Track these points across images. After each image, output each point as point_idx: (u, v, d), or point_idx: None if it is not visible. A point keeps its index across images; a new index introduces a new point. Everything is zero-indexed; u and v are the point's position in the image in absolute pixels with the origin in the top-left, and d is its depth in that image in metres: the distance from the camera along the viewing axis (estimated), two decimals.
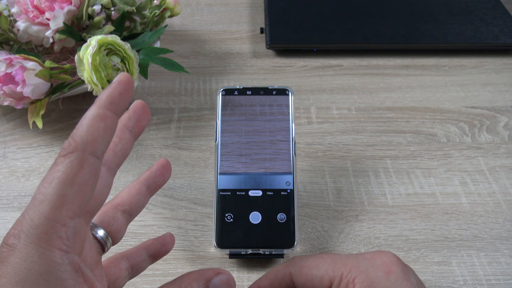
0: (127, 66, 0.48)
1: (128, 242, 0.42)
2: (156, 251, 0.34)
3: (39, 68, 0.46)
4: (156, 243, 0.34)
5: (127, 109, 0.28)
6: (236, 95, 0.44)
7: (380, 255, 0.31)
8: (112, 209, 0.31)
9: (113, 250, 0.39)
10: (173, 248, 0.41)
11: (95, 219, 0.30)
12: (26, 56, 0.47)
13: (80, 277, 0.23)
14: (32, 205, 0.23)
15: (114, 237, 0.30)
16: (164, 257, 0.40)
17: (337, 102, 0.56)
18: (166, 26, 0.54)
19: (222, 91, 0.44)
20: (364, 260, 0.31)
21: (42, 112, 0.47)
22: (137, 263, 0.33)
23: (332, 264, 0.31)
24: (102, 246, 0.29)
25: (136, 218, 0.43)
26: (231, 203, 0.40)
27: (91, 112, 0.24)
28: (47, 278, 0.22)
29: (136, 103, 0.30)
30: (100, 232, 0.29)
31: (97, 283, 0.24)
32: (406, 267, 0.31)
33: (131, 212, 0.32)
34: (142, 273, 0.39)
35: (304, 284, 0.31)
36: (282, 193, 0.40)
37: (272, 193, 0.40)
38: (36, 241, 0.22)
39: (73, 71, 0.50)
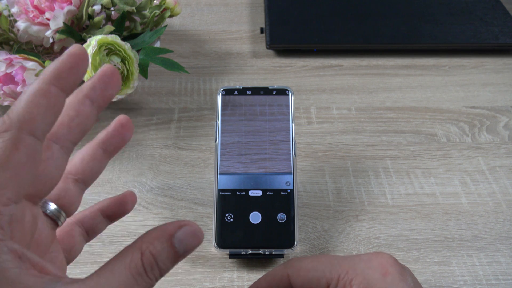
0: (127, 66, 0.48)
1: (128, 242, 0.41)
2: (113, 212, 0.31)
3: (39, 68, 0.46)
4: (113, 203, 0.31)
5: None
6: (236, 95, 0.44)
7: (377, 257, 0.31)
8: (62, 180, 0.28)
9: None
10: None
11: None
12: (26, 56, 0.47)
13: (25, 263, 0.20)
14: None
15: (67, 210, 0.28)
16: None
17: (337, 102, 0.56)
18: (166, 26, 0.54)
19: (222, 91, 0.44)
20: (361, 262, 0.31)
21: None
22: (92, 226, 0.31)
23: (329, 265, 0.31)
24: (55, 221, 0.27)
25: (136, 218, 0.43)
26: (231, 203, 0.40)
27: (32, 87, 0.21)
28: None
29: (104, 68, 0.25)
30: (52, 208, 0.27)
31: (48, 265, 0.22)
32: (403, 268, 0.31)
33: (85, 180, 0.28)
34: None
35: (302, 286, 0.31)
36: (282, 193, 0.40)
37: (272, 193, 0.40)
38: None
39: None
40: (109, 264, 0.22)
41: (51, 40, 0.52)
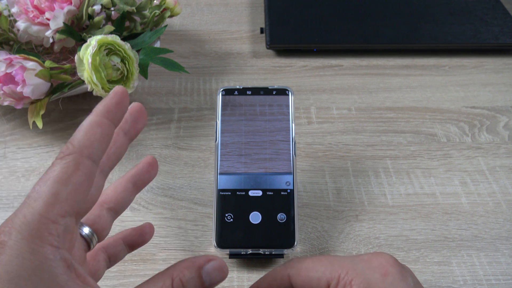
0: (127, 66, 0.48)
1: None
2: (134, 241, 0.34)
3: (39, 68, 0.46)
4: (134, 233, 0.34)
5: None
6: (236, 95, 0.44)
7: (377, 257, 0.31)
8: (97, 207, 0.31)
9: None
10: (174, 249, 0.41)
11: None
12: (26, 56, 0.47)
13: (72, 273, 0.23)
14: (25, 203, 0.23)
15: (99, 234, 0.31)
16: (165, 257, 0.41)
17: (337, 102, 0.56)
18: (166, 26, 0.54)
19: (222, 91, 0.44)
20: (361, 262, 0.31)
21: (42, 112, 0.47)
22: (115, 253, 0.33)
23: (329, 266, 0.31)
24: (88, 243, 0.30)
25: (136, 218, 0.43)
26: (231, 203, 0.40)
27: (89, 119, 0.25)
28: (39, 274, 0.22)
29: (133, 106, 0.30)
30: (86, 230, 0.30)
31: (89, 278, 0.24)
32: (403, 268, 0.31)
33: (116, 209, 0.32)
34: (142, 274, 0.39)
35: (302, 286, 0.31)
36: (282, 193, 0.40)
37: (272, 193, 0.40)
38: (27, 237, 0.22)
39: (73, 71, 0.50)
40: (143, 286, 0.25)
41: (51, 40, 0.52)
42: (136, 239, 0.34)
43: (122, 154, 0.30)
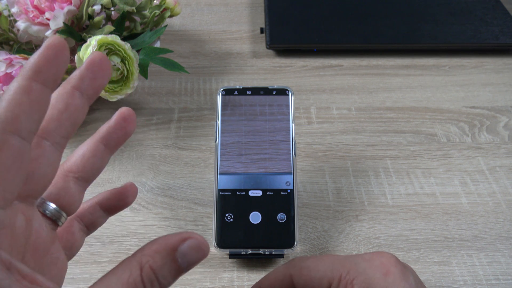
0: (127, 66, 0.48)
1: (128, 242, 0.42)
2: (113, 206, 0.30)
3: None
4: (112, 197, 0.30)
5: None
6: (236, 95, 0.44)
7: (378, 256, 0.31)
8: (62, 179, 0.26)
9: None
10: None
11: None
12: (26, 56, 0.47)
13: (15, 274, 0.19)
14: None
15: (67, 209, 0.27)
16: None
17: (337, 102, 0.56)
18: (166, 26, 0.54)
19: (222, 91, 0.44)
20: (363, 261, 0.30)
21: None
22: (91, 220, 0.30)
23: (330, 265, 0.31)
24: (55, 222, 0.26)
25: (136, 218, 0.43)
26: (231, 203, 0.40)
27: (13, 85, 0.20)
28: None
29: (92, 56, 0.24)
30: (51, 207, 0.26)
31: (38, 276, 0.20)
32: (405, 267, 0.31)
33: (86, 178, 0.27)
34: None
35: (304, 286, 0.31)
36: (282, 193, 0.40)
37: (272, 193, 0.40)
38: None
39: (73, 71, 0.50)
40: (105, 278, 0.21)
41: None
42: (116, 202, 0.30)
43: (81, 119, 0.24)
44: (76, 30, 0.52)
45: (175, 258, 0.21)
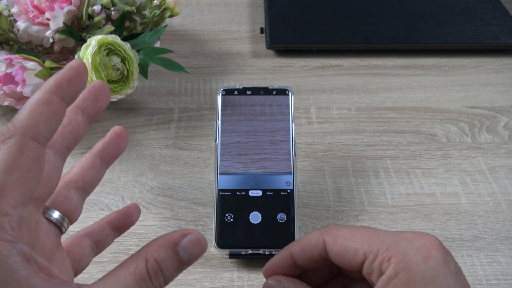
0: (127, 66, 0.48)
1: (128, 242, 0.42)
2: (120, 223, 0.33)
3: (39, 68, 0.46)
4: (119, 215, 0.33)
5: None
6: (236, 95, 0.44)
7: (420, 237, 0.29)
8: (64, 188, 0.29)
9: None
10: None
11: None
12: (26, 56, 0.47)
13: (33, 266, 0.21)
14: None
15: (70, 216, 0.29)
16: None
17: (337, 102, 0.56)
18: (166, 26, 0.54)
19: (222, 91, 0.44)
20: (403, 240, 0.29)
21: None
22: (101, 238, 0.32)
23: (369, 238, 0.29)
24: (59, 228, 0.28)
25: None
26: (231, 203, 0.40)
27: (35, 96, 0.23)
28: None
29: (94, 83, 0.28)
30: (55, 215, 0.28)
31: (55, 269, 0.22)
32: (446, 253, 0.29)
33: (85, 188, 0.30)
34: None
35: (337, 254, 0.29)
36: (282, 193, 0.40)
37: (272, 193, 0.40)
38: None
39: None
40: (115, 271, 0.23)
41: (51, 40, 0.52)
42: (123, 221, 0.33)
43: (81, 134, 0.28)
44: (76, 30, 0.52)
45: (176, 251, 0.23)
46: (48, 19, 0.50)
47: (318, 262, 0.31)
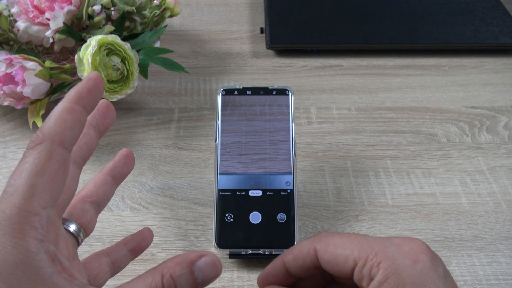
0: (127, 66, 0.48)
1: None
2: (135, 245, 0.34)
3: (39, 68, 0.46)
4: (135, 238, 0.35)
5: None
6: (236, 95, 0.44)
7: (409, 242, 0.29)
8: (80, 202, 0.31)
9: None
10: (174, 249, 0.41)
11: (64, 214, 0.30)
12: (26, 56, 0.47)
13: (57, 266, 0.23)
14: (2, 198, 0.23)
15: (85, 228, 0.31)
16: (165, 257, 0.41)
17: (337, 102, 0.56)
18: (166, 26, 0.54)
19: (222, 91, 0.44)
20: (392, 246, 0.29)
21: (42, 112, 0.47)
22: (118, 258, 0.33)
23: (358, 245, 0.29)
24: (76, 239, 0.29)
25: (136, 218, 0.43)
26: (231, 203, 0.40)
27: (60, 105, 0.25)
28: (23, 268, 0.22)
29: (101, 102, 0.31)
30: (72, 226, 0.29)
31: (76, 272, 0.24)
32: (434, 256, 0.29)
33: (99, 202, 0.32)
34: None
35: (328, 262, 0.30)
36: (282, 193, 0.40)
37: (272, 193, 0.40)
38: (9, 232, 0.22)
39: (73, 71, 0.50)
40: (133, 281, 0.25)
41: (51, 40, 0.52)
42: (138, 243, 0.35)
43: (93, 147, 0.30)
44: (76, 30, 0.52)
45: (192, 271, 0.25)
46: (48, 19, 0.50)
47: (310, 270, 0.31)
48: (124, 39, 0.53)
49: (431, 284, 0.27)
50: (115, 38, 0.47)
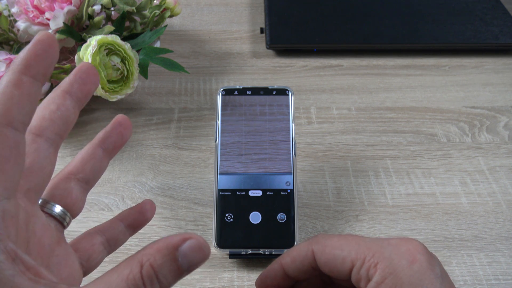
0: (127, 66, 0.48)
1: (128, 242, 0.41)
2: (134, 220, 0.32)
3: None
4: (133, 212, 0.32)
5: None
6: (236, 95, 0.44)
7: (405, 243, 0.29)
8: (63, 180, 0.28)
9: None
10: None
11: (45, 195, 0.27)
12: None
13: (19, 265, 0.20)
14: None
15: (71, 210, 0.28)
16: None
17: (337, 102, 0.56)
18: (166, 26, 0.54)
19: (222, 91, 0.44)
20: (389, 246, 0.29)
21: None
22: (114, 235, 0.30)
23: (356, 246, 0.29)
24: (60, 222, 0.27)
25: None
26: (231, 203, 0.40)
27: (3, 80, 0.21)
28: None
29: (80, 65, 0.26)
30: (56, 209, 0.27)
31: (42, 269, 0.21)
32: (431, 256, 0.29)
33: (86, 179, 0.29)
34: None
35: (326, 264, 0.30)
36: (282, 193, 0.40)
37: (272, 193, 0.40)
38: None
39: (72, 71, 0.50)
40: (107, 275, 0.21)
41: None
42: (136, 218, 0.32)
43: (71, 120, 0.26)
44: (76, 30, 0.52)
45: (175, 258, 0.21)
46: (48, 19, 0.50)
47: (308, 272, 0.31)
48: (124, 39, 0.53)
49: (428, 284, 0.27)
50: (115, 38, 0.47)
